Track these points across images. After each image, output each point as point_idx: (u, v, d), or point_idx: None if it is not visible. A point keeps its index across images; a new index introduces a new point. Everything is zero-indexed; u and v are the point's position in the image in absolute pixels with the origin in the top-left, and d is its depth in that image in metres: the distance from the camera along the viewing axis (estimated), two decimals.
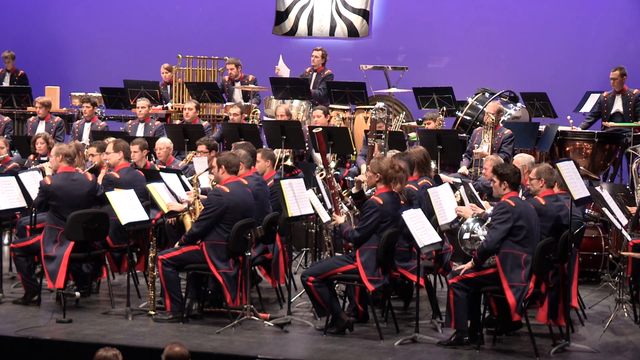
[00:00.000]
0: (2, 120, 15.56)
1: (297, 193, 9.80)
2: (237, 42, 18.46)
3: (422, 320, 9.39)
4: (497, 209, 8.79)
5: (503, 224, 8.66)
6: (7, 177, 10.50)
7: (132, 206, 9.68)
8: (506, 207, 8.71)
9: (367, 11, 18.70)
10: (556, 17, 17.99)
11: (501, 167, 9.00)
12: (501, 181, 8.87)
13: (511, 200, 8.79)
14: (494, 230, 8.69)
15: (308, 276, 9.15)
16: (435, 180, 10.55)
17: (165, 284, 9.48)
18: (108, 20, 19.81)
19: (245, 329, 9.28)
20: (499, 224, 8.68)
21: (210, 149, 11.43)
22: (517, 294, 8.59)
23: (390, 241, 9.03)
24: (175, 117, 16.41)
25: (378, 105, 11.57)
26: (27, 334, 8.98)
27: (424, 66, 18.47)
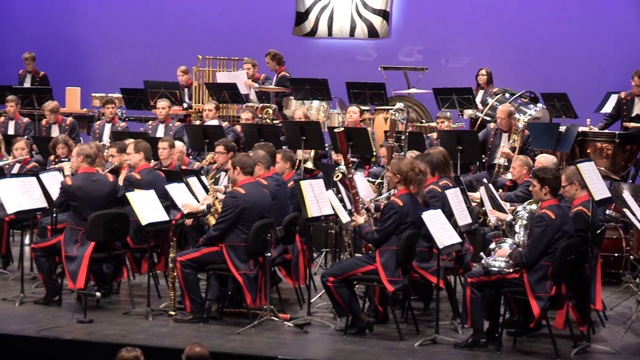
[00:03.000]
0: (23, 122, 15.62)
1: (317, 193, 9.81)
2: (257, 43, 18.48)
3: (442, 321, 9.38)
4: (537, 221, 8.69)
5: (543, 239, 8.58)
6: (28, 177, 10.55)
7: (153, 207, 9.71)
8: (546, 221, 8.62)
9: (387, 12, 18.71)
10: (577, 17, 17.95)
11: (542, 172, 8.85)
12: (542, 186, 8.76)
13: (551, 211, 8.67)
14: (535, 246, 8.60)
15: (328, 277, 9.16)
16: (455, 181, 10.53)
17: (185, 286, 9.50)
18: (128, 21, 19.89)
19: (265, 329, 9.30)
20: (539, 238, 8.59)
21: (228, 149, 11.45)
22: (542, 304, 8.55)
23: (409, 242, 9.02)
24: (195, 118, 16.45)
25: (398, 105, 11.56)
26: (48, 334, 9.01)
27: (443, 66, 18.46)
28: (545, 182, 8.75)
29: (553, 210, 8.68)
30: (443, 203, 9.43)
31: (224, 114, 16.57)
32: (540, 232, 8.57)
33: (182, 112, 16.42)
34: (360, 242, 10.18)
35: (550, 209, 8.67)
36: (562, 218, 8.69)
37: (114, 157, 11.31)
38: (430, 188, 9.61)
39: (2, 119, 15.74)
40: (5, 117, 15.69)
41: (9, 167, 12.61)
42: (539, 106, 14.70)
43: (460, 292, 9.64)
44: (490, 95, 15.43)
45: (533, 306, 8.56)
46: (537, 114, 14.43)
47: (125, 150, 11.10)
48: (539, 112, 14.50)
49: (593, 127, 13.82)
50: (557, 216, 8.64)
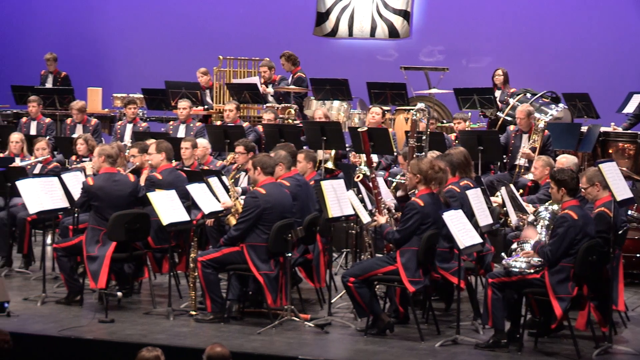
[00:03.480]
0: (45, 122, 15.69)
1: (338, 194, 9.82)
2: (278, 43, 18.49)
3: (463, 322, 9.36)
4: (560, 222, 8.65)
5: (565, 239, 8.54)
6: (50, 177, 10.60)
7: (174, 207, 9.72)
8: (569, 221, 8.57)
9: (407, 12, 18.69)
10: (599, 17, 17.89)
11: (558, 173, 8.81)
12: (559, 187, 8.73)
13: (573, 212, 8.63)
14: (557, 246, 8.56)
15: (348, 277, 9.15)
16: (476, 181, 10.51)
17: (206, 286, 9.51)
18: (150, 21, 19.95)
19: (286, 329, 9.30)
20: (561, 239, 8.55)
21: (248, 150, 11.46)
22: (564, 305, 8.52)
23: (430, 242, 9.01)
24: (216, 119, 16.48)
25: (418, 106, 11.54)
26: (70, 333, 9.05)
27: (464, 67, 18.43)
28: (562, 184, 8.72)
29: (575, 210, 8.65)
30: (462, 203, 9.41)
31: (244, 114, 16.58)
32: (563, 232, 8.54)
33: (203, 113, 16.45)
34: (381, 242, 10.18)
35: (572, 210, 8.64)
36: (584, 219, 8.66)
37: (135, 158, 11.34)
38: (449, 188, 9.59)
39: (25, 119, 15.81)
40: (27, 118, 15.76)
41: (31, 167, 12.66)
42: (560, 106, 14.64)
43: (481, 293, 9.62)
44: (507, 95, 15.39)
45: (555, 307, 8.53)
46: (558, 114, 14.37)
47: (146, 150, 11.13)
48: (560, 112, 14.45)
49: (617, 127, 13.76)
50: (580, 217, 8.61)
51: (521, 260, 8.75)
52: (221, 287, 9.75)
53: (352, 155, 13.74)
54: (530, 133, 13.13)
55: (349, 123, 15.38)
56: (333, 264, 11.11)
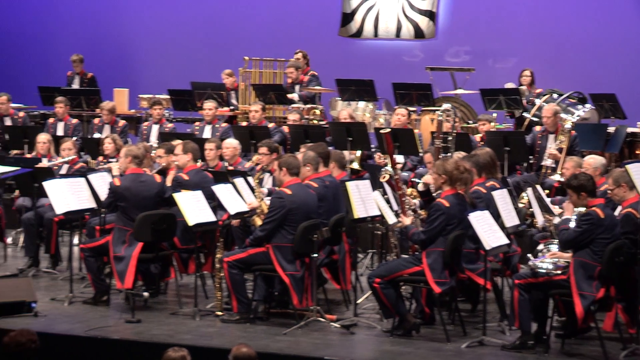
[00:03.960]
0: (72, 123, 15.76)
1: (363, 194, 9.81)
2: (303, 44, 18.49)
3: (490, 323, 9.33)
4: (584, 215, 8.61)
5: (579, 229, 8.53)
6: (77, 178, 10.65)
7: (200, 207, 9.75)
8: (593, 218, 8.55)
9: (433, 12, 18.66)
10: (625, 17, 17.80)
11: (573, 180, 8.77)
12: (578, 193, 8.70)
13: (600, 210, 8.59)
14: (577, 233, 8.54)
15: (374, 278, 9.14)
16: (502, 182, 10.48)
17: (232, 286, 9.53)
18: (175, 22, 20.02)
19: (312, 330, 9.31)
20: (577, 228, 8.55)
21: (272, 151, 11.47)
22: (585, 303, 8.48)
23: (456, 243, 8.99)
24: (242, 119, 16.51)
25: (444, 106, 11.52)
26: (97, 333, 9.09)
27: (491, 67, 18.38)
28: (580, 189, 8.66)
29: (602, 209, 8.61)
30: (487, 204, 9.38)
31: (270, 115, 16.61)
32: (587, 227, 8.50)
33: (228, 113, 16.49)
34: (406, 243, 10.17)
35: (599, 208, 8.60)
36: (610, 219, 8.62)
37: (161, 158, 11.38)
38: (474, 189, 9.56)
39: (52, 120, 15.88)
40: (54, 119, 15.84)
41: (57, 167, 12.72)
42: (587, 107, 14.59)
43: (507, 294, 9.60)
44: (533, 96, 15.34)
45: (576, 304, 8.48)
46: (585, 114, 14.32)
47: (172, 151, 11.16)
48: (587, 112, 14.39)
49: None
50: (607, 216, 8.57)
51: (548, 261, 8.72)
52: (247, 287, 9.76)
53: (378, 156, 13.74)
54: (557, 133, 13.08)
55: (374, 124, 15.38)
56: (359, 264, 11.11)
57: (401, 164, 13.65)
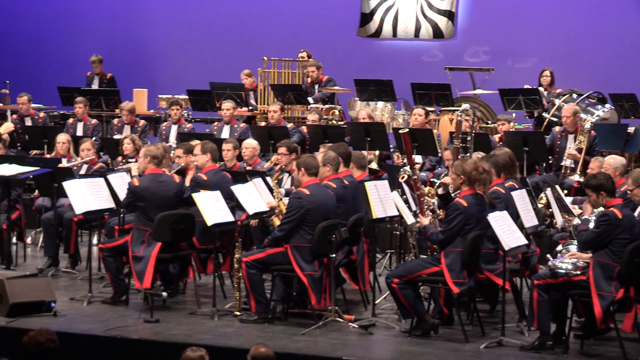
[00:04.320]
0: (91, 123, 15.80)
1: (382, 195, 9.81)
2: (322, 44, 18.54)
3: (508, 324, 9.31)
4: (601, 215, 8.56)
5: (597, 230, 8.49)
6: (96, 178, 10.68)
7: (218, 207, 9.76)
8: (611, 219, 8.49)
9: (452, 12, 18.64)
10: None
11: (591, 179, 8.73)
12: (597, 193, 8.66)
13: (618, 210, 8.53)
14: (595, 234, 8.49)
15: (392, 278, 9.13)
16: (521, 182, 10.45)
17: (250, 286, 9.53)
18: (195, 22, 20.06)
19: (330, 330, 9.30)
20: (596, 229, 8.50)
21: (291, 151, 11.47)
22: (604, 304, 8.44)
23: (475, 243, 8.97)
24: (261, 119, 16.53)
25: (463, 106, 11.50)
26: (116, 333, 9.11)
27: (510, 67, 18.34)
28: (599, 188, 8.61)
29: (620, 209, 8.57)
30: (507, 205, 9.36)
31: (288, 115, 16.62)
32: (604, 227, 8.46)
33: (247, 114, 16.51)
34: (425, 243, 10.16)
35: (617, 208, 8.56)
36: (629, 219, 8.58)
37: (180, 158, 11.40)
38: (493, 189, 9.54)
39: (71, 120, 15.94)
40: (74, 119, 15.90)
41: (77, 168, 12.76)
42: (607, 107, 14.54)
43: (526, 295, 9.58)
44: (553, 96, 15.30)
45: (595, 305, 8.44)
46: (605, 114, 14.27)
47: (191, 151, 11.18)
48: (607, 112, 14.34)
49: None
50: (625, 216, 8.53)
51: (567, 261, 8.69)
52: (265, 287, 9.77)
53: (396, 156, 13.73)
54: (577, 134, 13.04)
55: (393, 124, 15.37)
56: (377, 265, 11.10)
57: (420, 164, 13.65)
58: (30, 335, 6.52)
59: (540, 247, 10.19)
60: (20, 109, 16.04)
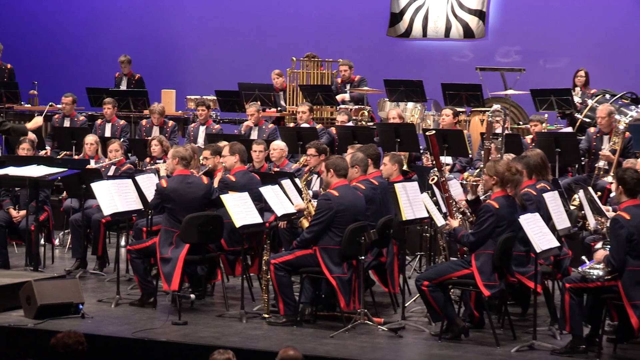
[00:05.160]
0: (119, 124, 15.87)
1: (411, 196, 9.78)
2: (351, 44, 18.54)
3: (540, 327, 9.26)
4: (612, 225, 8.54)
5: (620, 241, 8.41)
6: (124, 179, 10.72)
7: (247, 209, 9.77)
8: (620, 223, 8.45)
9: (483, 12, 18.57)
10: None
11: (621, 171, 8.74)
12: (618, 185, 8.65)
13: (625, 212, 8.50)
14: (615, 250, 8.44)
15: (422, 280, 9.11)
16: (554, 184, 10.41)
17: (278, 288, 9.54)
18: (223, 23, 20.10)
19: (359, 333, 9.29)
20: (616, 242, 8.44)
21: (320, 152, 11.47)
22: (639, 313, 8.38)
23: (506, 246, 8.94)
24: (289, 120, 16.54)
25: (494, 107, 11.46)
26: (143, 335, 9.14)
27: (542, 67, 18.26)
28: (620, 182, 8.59)
29: (628, 211, 8.50)
30: (538, 206, 9.32)
31: (317, 116, 16.62)
32: (617, 235, 8.41)
33: (275, 115, 16.52)
34: (455, 245, 10.13)
35: (626, 210, 8.50)
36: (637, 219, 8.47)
37: (207, 160, 11.41)
38: (525, 191, 9.50)
39: (99, 121, 16.01)
40: (102, 120, 15.96)
41: (105, 169, 12.81)
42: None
43: (558, 298, 9.53)
44: (587, 96, 15.22)
45: (630, 315, 8.38)
46: (638, 115, 14.17)
47: (219, 152, 11.20)
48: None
49: None
50: (633, 216, 8.45)
51: (598, 267, 8.62)
52: (294, 290, 9.77)
53: (426, 158, 13.70)
54: (611, 135, 12.96)
55: (423, 125, 15.34)
56: (407, 267, 11.08)
57: (450, 166, 13.61)
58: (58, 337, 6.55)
59: (572, 250, 10.13)
60: (64, 109, 16.11)
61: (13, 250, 12.61)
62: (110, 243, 12.55)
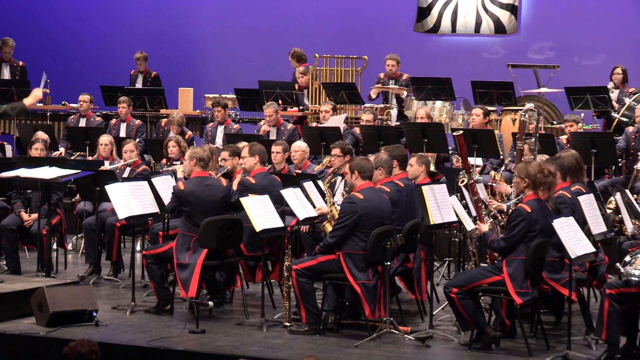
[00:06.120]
0: (135, 124, 15.91)
1: (439, 199, 9.77)
2: (376, 40, 18.53)
3: (575, 337, 9.24)
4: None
5: None
6: (139, 181, 10.74)
7: (267, 212, 9.78)
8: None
9: (515, 6, 18.54)
10: None
11: None
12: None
13: None
14: None
15: (451, 287, 9.11)
16: (589, 186, 10.38)
17: (300, 295, 9.55)
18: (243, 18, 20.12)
19: (385, 342, 9.30)
20: None
21: (345, 153, 11.47)
22: None
23: (539, 251, 8.92)
24: (312, 120, 16.55)
25: (527, 106, 11.44)
26: (160, 344, 9.16)
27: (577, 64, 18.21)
28: None
29: None
30: (573, 210, 9.30)
31: None
32: None
33: (298, 114, 16.53)
34: (485, 251, 10.12)
35: None
36: None
37: (226, 161, 11.43)
38: (559, 194, 9.49)
39: (114, 121, 16.06)
40: (117, 119, 16.01)
41: (120, 170, 12.85)
42: None
43: (594, 306, 9.50)
44: (626, 95, 15.17)
45: None
46: None
47: (238, 153, 11.22)
48: None
49: None
50: None
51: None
52: (316, 297, 9.79)
53: (455, 159, 13.69)
54: None
55: (451, 124, 15.33)
56: (435, 273, 11.07)
57: (480, 167, 13.60)
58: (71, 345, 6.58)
59: (608, 256, 10.10)
60: (80, 107, 16.16)
61: (24, 256, 12.67)
62: (125, 248, 12.61)
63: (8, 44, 18.11)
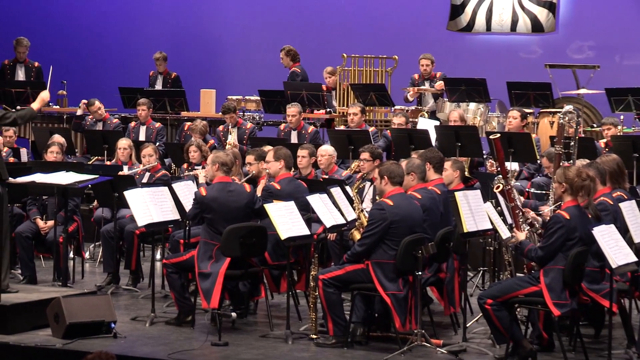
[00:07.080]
0: (155, 127, 15.96)
1: (473, 206, 9.76)
2: (407, 39, 18.53)
3: (615, 350, 9.22)
4: None
5: None
6: (160, 187, 10.74)
7: (293, 220, 9.79)
8: None
9: (553, 3, 18.52)
10: None
11: None
12: None
13: None
14: None
15: (486, 298, 9.09)
16: (631, 192, 10.35)
17: (327, 306, 9.56)
18: (267, 17, 20.17)
19: (416, 356, 9.29)
20: None
21: (374, 157, 11.47)
22: None
23: (578, 261, 8.90)
24: (339, 122, 16.56)
25: (566, 108, 11.42)
26: (181, 357, 9.18)
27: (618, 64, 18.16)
28: None
29: None
30: (615, 217, 9.28)
31: (370, 118, 16.64)
32: None
33: (324, 116, 16.54)
34: (522, 260, 10.10)
35: None
36: None
37: (251, 166, 11.46)
38: (600, 200, 9.47)
39: (133, 124, 16.12)
40: (136, 122, 16.06)
41: (139, 176, 12.89)
42: None
43: (635, 318, 9.47)
44: None
45: None
46: None
47: (263, 157, 11.24)
48: None
49: None
50: None
51: None
52: (344, 308, 9.80)
53: (490, 164, 13.67)
54: None
55: (486, 127, 15.31)
56: (469, 284, 11.06)
57: (516, 172, 13.58)
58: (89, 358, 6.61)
59: None
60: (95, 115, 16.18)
61: (40, 264, 12.76)
62: (145, 256, 12.65)
63: (22, 44, 18.22)
